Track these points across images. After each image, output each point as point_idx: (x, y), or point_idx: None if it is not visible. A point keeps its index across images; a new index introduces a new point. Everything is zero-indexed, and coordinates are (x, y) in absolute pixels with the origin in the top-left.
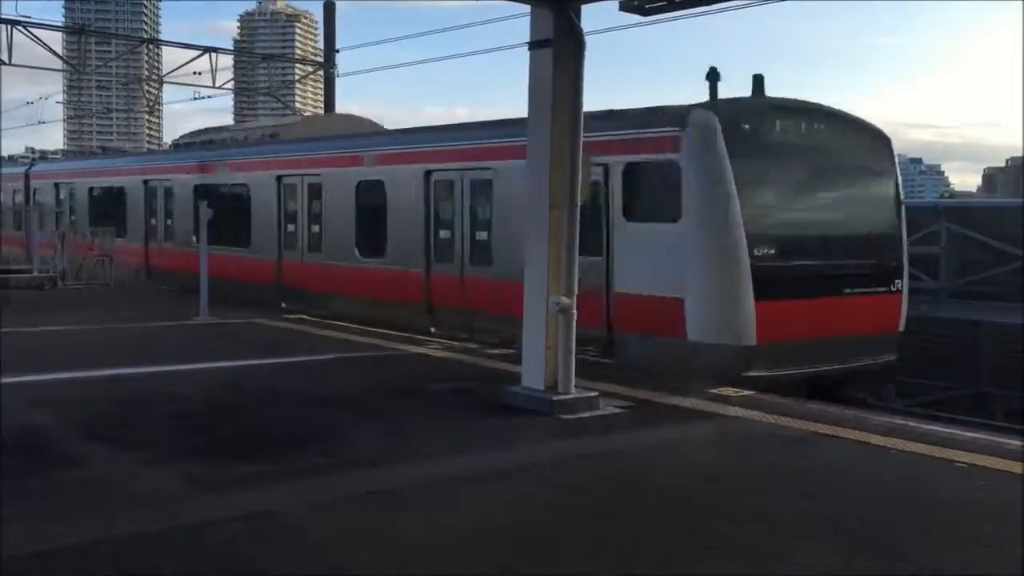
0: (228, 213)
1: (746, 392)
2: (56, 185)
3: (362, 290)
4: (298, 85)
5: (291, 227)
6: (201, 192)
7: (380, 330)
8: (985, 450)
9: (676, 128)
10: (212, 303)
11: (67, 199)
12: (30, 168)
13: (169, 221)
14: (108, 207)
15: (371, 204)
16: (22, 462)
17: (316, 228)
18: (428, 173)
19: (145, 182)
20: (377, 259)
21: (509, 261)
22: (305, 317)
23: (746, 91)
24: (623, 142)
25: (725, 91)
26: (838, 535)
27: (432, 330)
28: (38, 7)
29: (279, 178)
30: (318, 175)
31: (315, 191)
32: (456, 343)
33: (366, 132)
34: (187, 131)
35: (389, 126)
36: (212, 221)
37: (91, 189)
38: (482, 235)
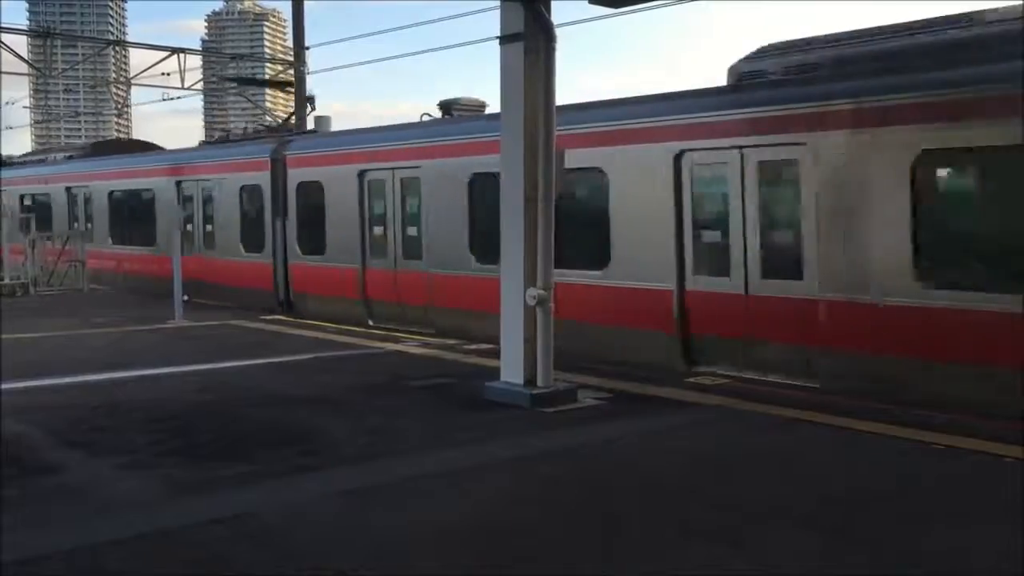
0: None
1: (724, 380)
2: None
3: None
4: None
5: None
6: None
7: (356, 328)
8: (962, 432)
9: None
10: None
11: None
12: None
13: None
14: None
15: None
16: (2, 471)
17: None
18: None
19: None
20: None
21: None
22: (280, 318)
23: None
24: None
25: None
26: (817, 519)
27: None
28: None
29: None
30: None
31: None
32: (433, 340)
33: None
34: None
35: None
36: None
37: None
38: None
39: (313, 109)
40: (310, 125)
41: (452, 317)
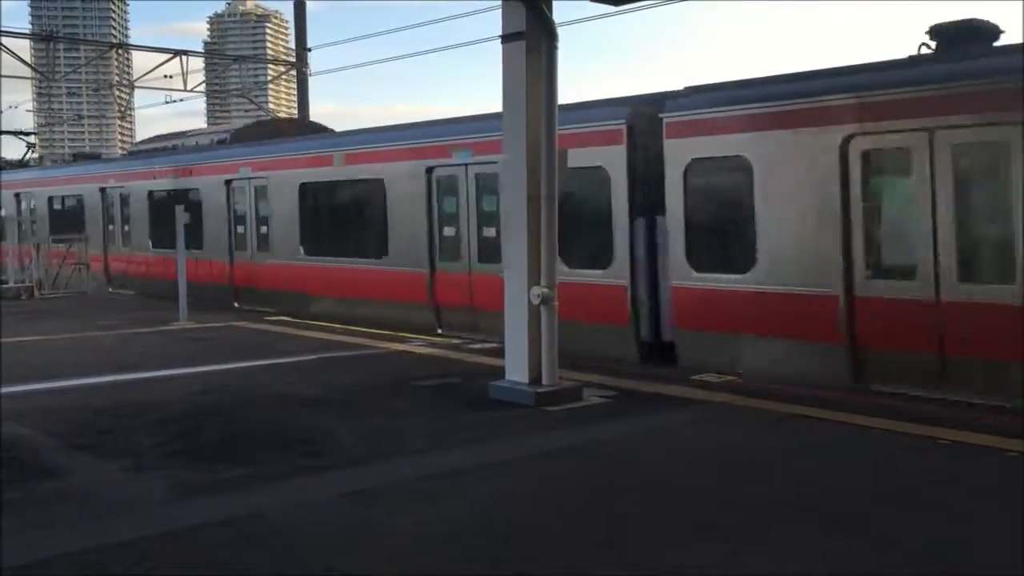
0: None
1: (728, 377)
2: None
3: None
4: (271, 86)
5: None
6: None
7: (362, 329)
8: (969, 427)
9: None
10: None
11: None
12: None
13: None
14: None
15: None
16: (3, 474)
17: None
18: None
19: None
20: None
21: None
22: (285, 319)
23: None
24: None
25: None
26: (824, 516)
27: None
28: (4, 13)
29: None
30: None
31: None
32: (438, 340)
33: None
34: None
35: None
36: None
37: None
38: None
39: None
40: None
41: None
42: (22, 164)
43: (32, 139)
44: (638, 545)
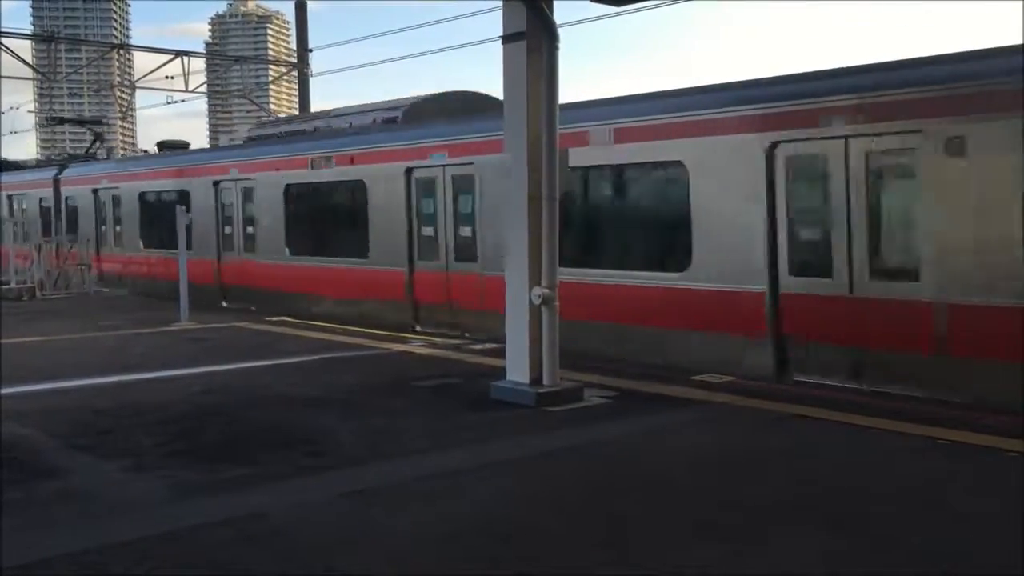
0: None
1: (729, 378)
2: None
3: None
4: (272, 86)
5: None
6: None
7: (363, 329)
8: (968, 427)
9: None
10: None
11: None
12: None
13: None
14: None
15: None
16: (3, 474)
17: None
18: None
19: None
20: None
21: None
22: (287, 319)
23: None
24: None
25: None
26: (823, 516)
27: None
28: (4, 14)
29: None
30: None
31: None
32: (439, 340)
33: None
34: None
35: None
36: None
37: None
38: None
39: None
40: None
41: None
42: (88, 157)
43: (100, 128)
44: (638, 545)
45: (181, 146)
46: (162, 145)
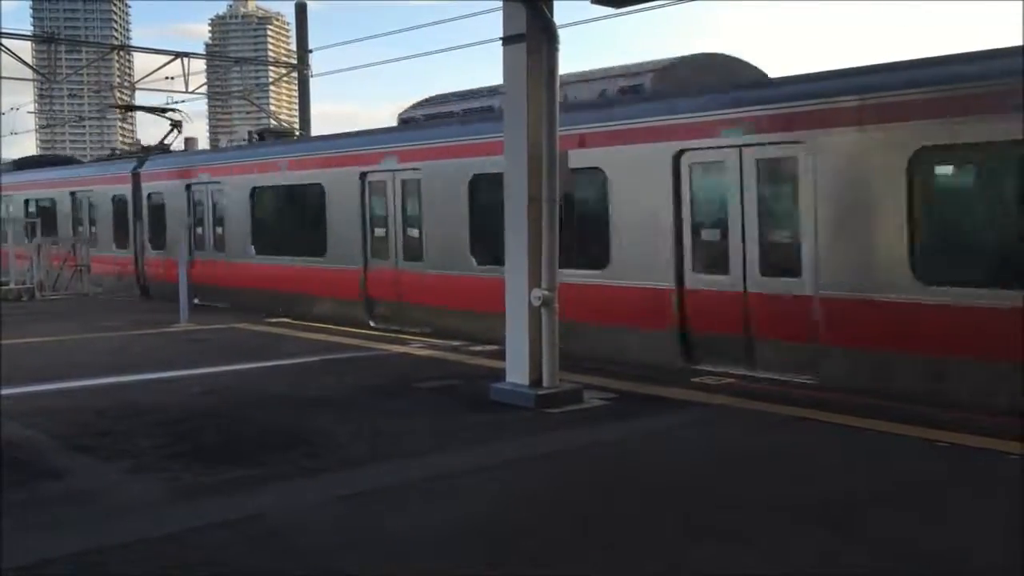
0: None
1: (728, 379)
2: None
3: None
4: (272, 87)
5: None
6: None
7: (362, 331)
8: (966, 429)
9: None
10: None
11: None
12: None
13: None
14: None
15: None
16: (5, 475)
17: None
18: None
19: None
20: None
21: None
22: (287, 321)
23: None
24: None
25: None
26: (824, 517)
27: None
28: (5, 15)
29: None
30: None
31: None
32: (439, 342)
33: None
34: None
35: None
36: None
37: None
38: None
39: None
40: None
41: None
42: (163, 148)
43: (179, 115)
44: (637, 547)
45: (284, 134)
46: (263, 133)
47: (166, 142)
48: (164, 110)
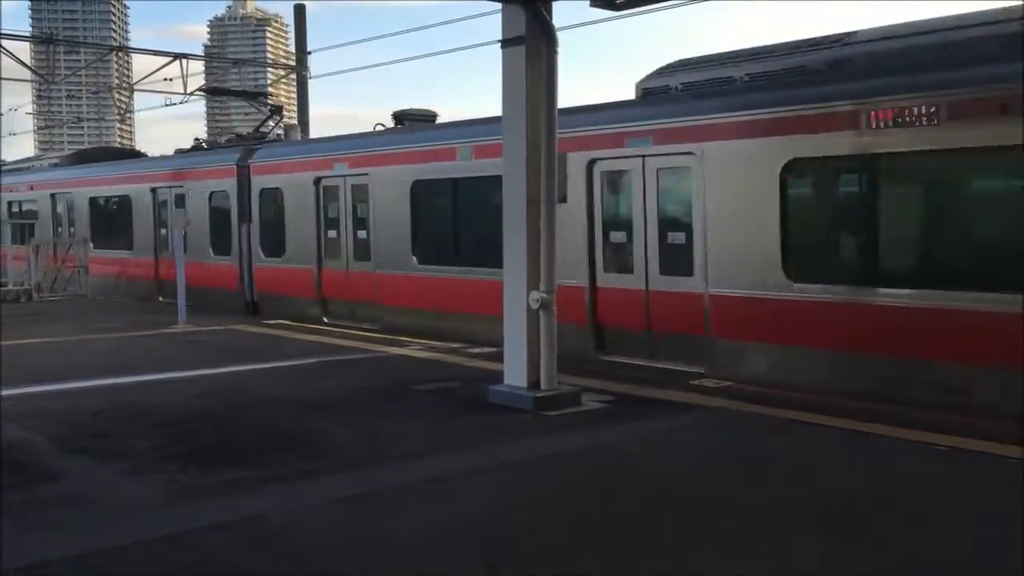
0: None
1: (727, 383)
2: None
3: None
4: (271, 89)
5: None
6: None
7: (360, 332)
8: (966, 433)
9: None
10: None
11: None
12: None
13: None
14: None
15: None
16: (3, 477)
17: None
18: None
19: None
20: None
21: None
22: (284, 323)
23: None
24: None
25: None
26: (823, 520)
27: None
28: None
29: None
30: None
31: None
32: (438, 344)
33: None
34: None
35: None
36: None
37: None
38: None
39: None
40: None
41: None
42: (259, 137)
43: (271, 102)
44: (636, 549)
45: (426, 117)
46: (400, 117)
47: (263, 130)
48: (257, 95)
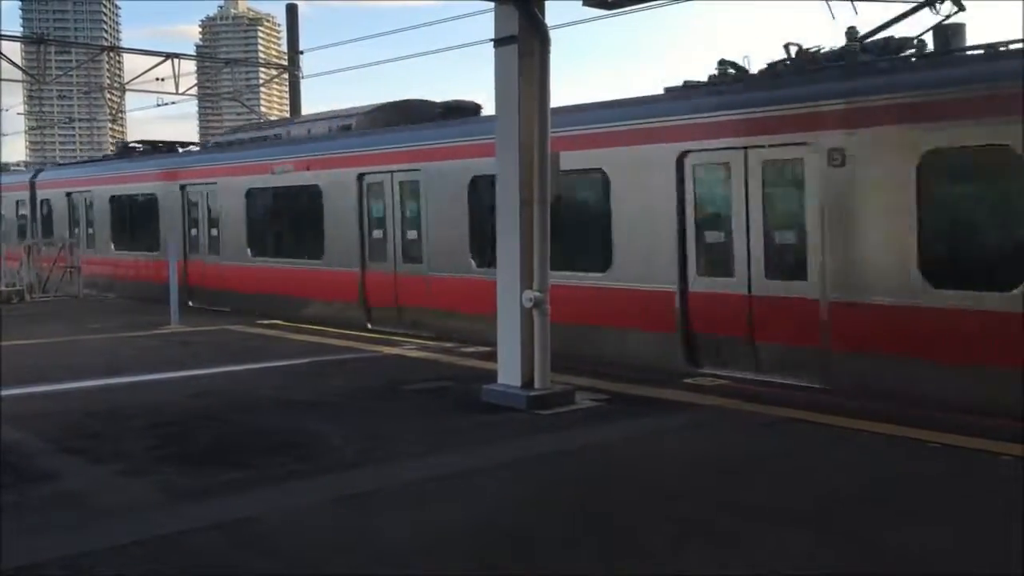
0: None
1: (721, 380)
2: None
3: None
4: (263, 89)
5: None
6: None
7: (355, 332)
8: (962, 431)
9: None
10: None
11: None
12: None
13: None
14: None
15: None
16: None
17: None
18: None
19: None
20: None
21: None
22: (278, 323)
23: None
24: None
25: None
26: (816, 519)
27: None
28: None
29: None
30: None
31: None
32: (431, 343)
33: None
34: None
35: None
36: None
37: None
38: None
39: None
40: None
41: None
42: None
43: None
44: (630, 549)
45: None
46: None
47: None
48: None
